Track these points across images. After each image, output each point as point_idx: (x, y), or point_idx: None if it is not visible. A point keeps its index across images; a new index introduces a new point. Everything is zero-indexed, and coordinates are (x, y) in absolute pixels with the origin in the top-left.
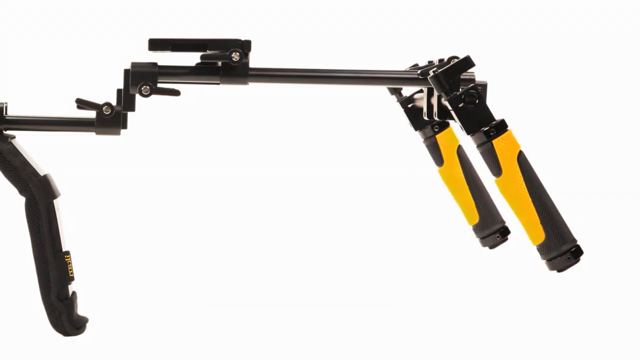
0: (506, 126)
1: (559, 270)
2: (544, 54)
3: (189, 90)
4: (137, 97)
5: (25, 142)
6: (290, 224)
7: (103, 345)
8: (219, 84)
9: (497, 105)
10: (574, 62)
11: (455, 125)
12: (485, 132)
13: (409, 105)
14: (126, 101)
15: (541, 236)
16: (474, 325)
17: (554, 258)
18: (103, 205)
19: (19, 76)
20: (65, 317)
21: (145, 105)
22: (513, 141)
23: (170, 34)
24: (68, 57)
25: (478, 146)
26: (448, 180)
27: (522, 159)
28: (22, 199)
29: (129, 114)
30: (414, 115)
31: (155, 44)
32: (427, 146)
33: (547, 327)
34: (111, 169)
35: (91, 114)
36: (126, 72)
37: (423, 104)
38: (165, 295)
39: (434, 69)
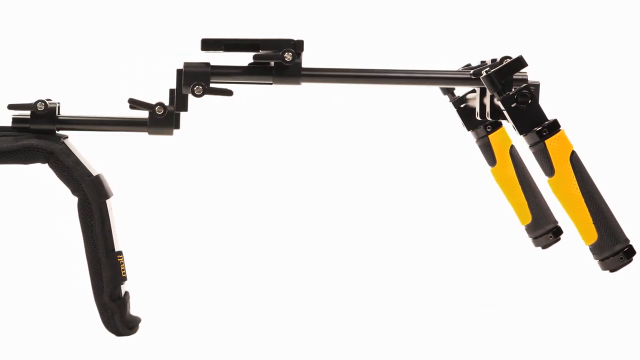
0: (559, 126)
1: (612, 270)
2: (597, 53)
3: (241, 90)
4: (190, 97)
5: (77, 142)
6: (344, 221)
7: (155, 346)
8: (271, 84)
9: (549, 105)
10: (627, 62)
11: (507, 125)
12: (538, 132)
13: (462, 105)
14: (179, 101)
15: (594, 236)
16: (527, 325)
17: (607, 258)
18: (155, 205)
19: (72, 76)
20: (117, 317)
21: (197, 105)
22: (566, 141)
23: (222, 34)
24: (121, 57)
25: (531, 146)
26: (500, 180)
27: (574, 159)
28: (75, 199)
29: (182, 113)
30: (466, 115)
31: (208, 44)
32: (480, 146)
33: (601, 326)
34: (163, 169)
35: (144, 114)
36: (179, 72)
37: (476, 104)
38: (218, 295)
39: (487, 69)
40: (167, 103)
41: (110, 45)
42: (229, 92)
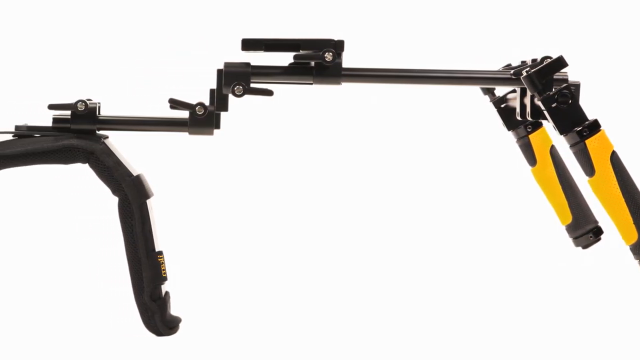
0: (599, 126)
1: None
2: (638, 53)
3: (281, 90)
4: (230, 97)
5: (118, 142)
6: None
7: (196, 346)
8: (311, 84)
9: (590, 105)
10: None
11: (548, 125)
12: (578, 132)
13: (502, 105)
14: (219, 101)
15: (634, 236)
16: (569, 325)
17: None
18: (196, 205)
19: (112, 76)
20: (158, 317)
21: (238, 105)
22: (606, 141)
23: (262, 34)
24: (161, 57)
25: (571, 146)
26: (541, 180)
27: (615, 159)
28: (115, 199)
29: (222, 114)
30: (507, 115)
31: (248, 44)
32: (520, 146)
33: None
34: (204, 169)
35: (184, 114)
36: (219, 72)
37: (516, 104)
38: (258, 295)
39: (527, 69)
40: (207, 103)
41: (150, 45)
42: (269, 92)
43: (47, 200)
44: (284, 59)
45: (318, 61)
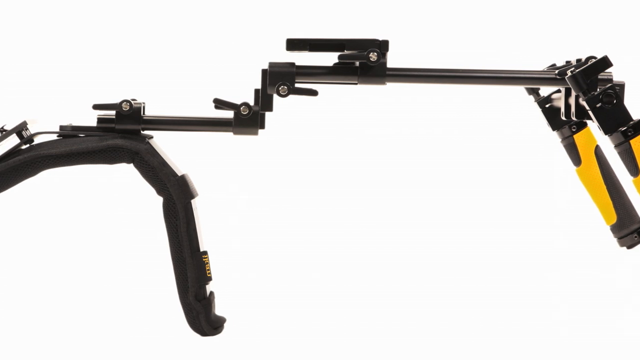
0: None
1: None
2: None
3: (326, 90)
4: (275, 97)
5: (162, 142)
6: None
7: (241, 346)
8: (356, 84)
9: (635, 105)
10: None
11: (593, 125)
12: (623, 132)
13: (547, 105)
14: (264, 101)
15: None
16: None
17: None
18: (240, 205)
19: (156, 76)
20: (202, 317)
21: (282, 105)
22: None
23: (305, 34)
24: (206, 56)
25: (616, 146)
26: (585, 180)
27: None
28: (160, 199)
29: (267, 114)
30: (551, 115)
31: (293, 44)
32: (565, 146)
33: None
34: (248, 169)
35: (229, 114)
36: (264, 72)
37: (561, 104)
38: (303, 295)
39: (572, 69)
40: (252, 103)
41: (194, 45)
42: (314, 92)
43: (91, 201)
44: (328, 59)
45: (363, 61)
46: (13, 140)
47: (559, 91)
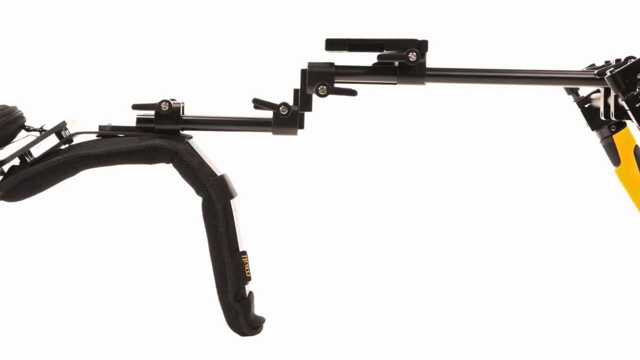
0: None
1: None
2: None
3: (364, 90)
4: (314, 97)
5: (202, 142)
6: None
7: (280, 346)
8: (395, 84)
9: None
10: None
11: (632, 125)
12: None
13: (586, 105)
14: (303, 101)
15: None
16: None
17: None
18: (279, 205)
19: (196, 76)
20: (242, 317)
21: (321, 105)
22: None
23: (343, 34)
24: (245, 57)
25: None
26: (625, 180)
27: None
28: (199, 199)
29: (306, 114)
30: (590, 115)
31: (332, 44)
32: (604, 146)
33: None
34: (287, 169)
35: (268, 114)
36: (303, 72)
37: (600, 104)
38: (343, 296)
39: (611, 69)
40: (291, 103)
41: (234, 46)
42: (353, 92)
43: (130, 201)
44: (366, 58)
45: (402, 61)
46: (52, 140)
47: (598, 91)
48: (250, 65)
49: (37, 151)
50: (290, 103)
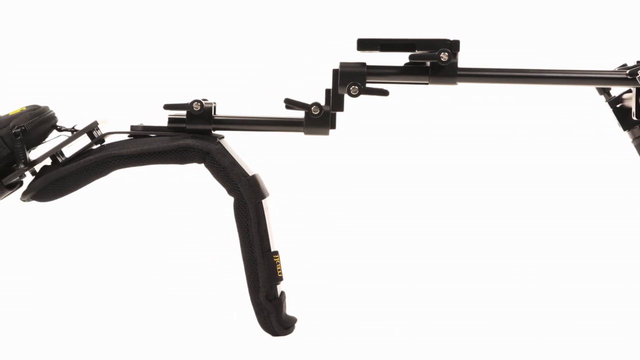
0: None
1: None
2: None
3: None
4: (346, 97)
5: (233, 142)
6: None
7: (311, 346)
8: (427, 84)
9: None
10: None
11: None
12: None
13: (618, 105)
14: (335, 101)
15: None
16: None
17: None
18: (311, 205)
19: (227, 76)
20: (274, 317)
21: (353, 105)
22: None
23: (374, 34)
24: (277, 57)
25: None
26: None
27: None
28: (231, 199)
29: (337, 114)
30: (622, 115)
31: (364, 44)
32: (636, 146)
33: None
34: (319, 169)
35: (300, 114)
36: (335, 72)
37: (632, 104)
38: (377, 296)
39: None
40: (323, 103)
41: (266, 46)
42: (385, 92)
43: (162, 201)
44: (397, 58)
45: (434, 61)
46: (84, 140)
47: (630, 91)
48: (282, 66)
49: (68, 151)
50: (322, 103)
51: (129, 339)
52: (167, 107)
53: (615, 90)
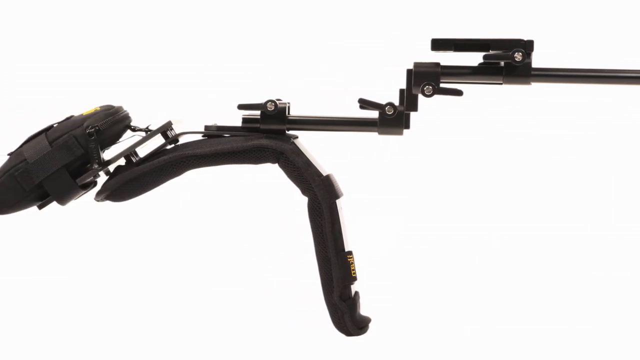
0: None
1: None
2: None
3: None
4: (420, 97)
5: (308, 141)
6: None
7: (385, 346)
8: (501, 84)
9: None
10: None
11: None
12: None
13: None
14: (409, 101)
15: None
16: None
17: None
18: (385, 205)
19: (301, 76)
20: (347, 317)
21: (427, 105)
22: None
23: (448, 34)
24: (351, 57)
25: None
26: None
27: None
28: (305, 199)
29: (412, 114)
30: None
31: (438, 44)
32: None
33: None
34: (393, 169)
35: (373, 114)
36: (409, 72)
37: None
38: (450, 296)
39: None
40: (397, 103)
41: (340, 46)
42: (459, 92)
43: (236, 201)
44: (470, 58)
45: (508, 61)
46: (158, 140)
47: None
48: (356, 66)
49: (142, 151)
50: (396, 103)
51: (206, 337)
52: (241, 107)
53: None
